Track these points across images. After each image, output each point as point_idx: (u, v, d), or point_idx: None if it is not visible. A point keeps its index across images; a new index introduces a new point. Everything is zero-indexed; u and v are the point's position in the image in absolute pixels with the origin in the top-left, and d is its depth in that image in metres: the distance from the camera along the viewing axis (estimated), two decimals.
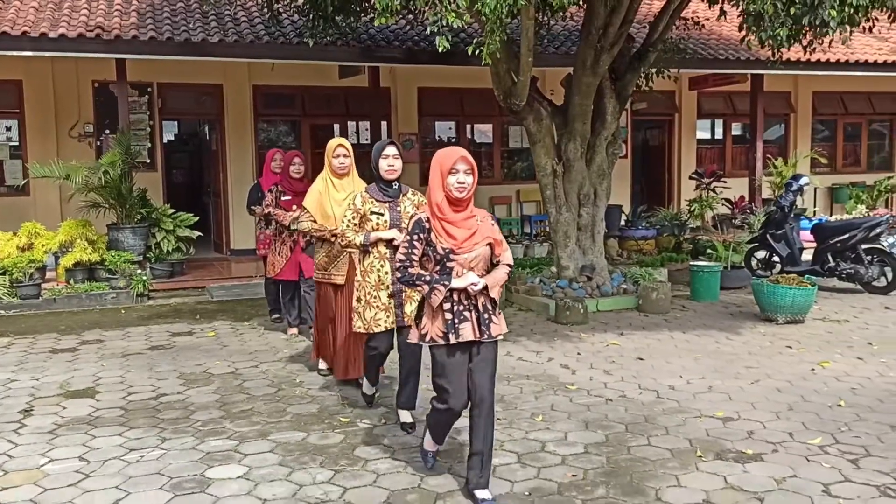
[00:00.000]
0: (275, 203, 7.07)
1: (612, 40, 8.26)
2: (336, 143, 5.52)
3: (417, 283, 3.61)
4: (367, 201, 4.68)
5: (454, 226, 3.60)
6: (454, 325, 3.59)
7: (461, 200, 3.59)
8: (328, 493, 3.90)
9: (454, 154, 3.61)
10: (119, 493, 3.93)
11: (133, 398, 5.55)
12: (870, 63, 13.11)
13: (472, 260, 3.61)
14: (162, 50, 9.79)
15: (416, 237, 3.62)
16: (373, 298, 4.61)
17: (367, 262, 4.65)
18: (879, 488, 3.86)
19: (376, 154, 4.67)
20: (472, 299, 3.62)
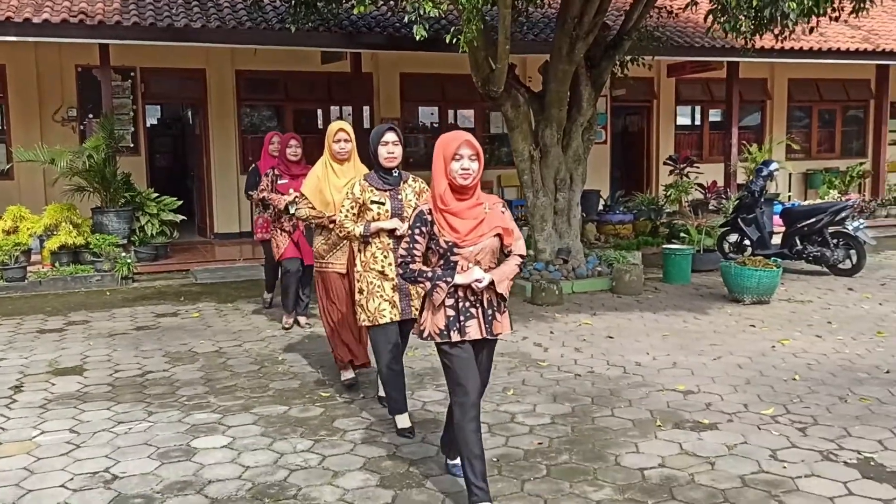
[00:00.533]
0: (271, 187, 6.89)
1: (587, 29, 8.47)
2: (337, 127, 5.21)
3: (419, 279, 3.41)
4: (367, 190, 4.42)
5: (457, 217, 3.36)
6: (458, 321, 3.39)
7: (466, 188, 3.35)
8: (308, 460, 4.14)
9: (458, 138, 3.38)
10: (109, 462, 4.14)
11: (120, 375, 5.75)
12: (842, 51, 13.41)
13: (477, 253, 3.38)
14: (145, 35, 9.93)
15: (417, 231, 3.40)
16: (376, 288, 4.37)
17: (369, 254, 4.40)
18: (822, 453, 4.13)
19: (375, 140, 4.41)
20: (478, 295, 3.40)
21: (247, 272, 10.18)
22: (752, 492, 3.70)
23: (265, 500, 3.68)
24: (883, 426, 4.50)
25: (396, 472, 3.98)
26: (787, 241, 9.72)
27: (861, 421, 4.59)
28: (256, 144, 13.16)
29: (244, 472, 3.99)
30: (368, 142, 4.46)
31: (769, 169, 9.95)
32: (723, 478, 3.85)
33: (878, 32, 14.46)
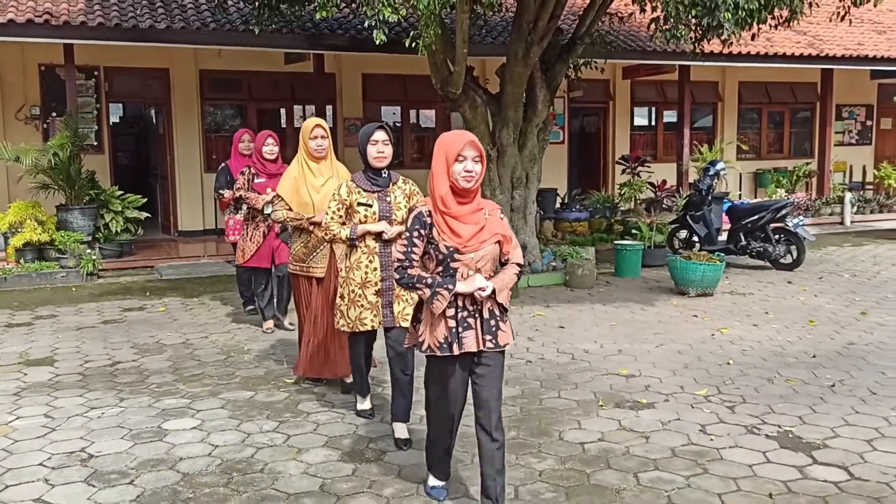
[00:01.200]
0: (247, 185, 6.62)
1: (541, 34, 8.83)
2: (313, 124, 5.01)
3: (418, 285, 3.20)
4: (354, 191, 4.23)
5: (459, 221, 3.20)
6: (458, 333, 3.21)
7: (468, 191, 3.19)
8: (273, 439, 4.42)
9: (461, 139, 3.21)
10: (84, 443, 4.38)
11: (90, 365, 5.96)
12: (787, 56, 13.98)
13: (478, 260, 3.22)
14: (110, 36, 10.07)
15: (416, 234, 3.22)
16: (358, 297, 4.21)
17: (354, 258, 4.23)
18: (747, 427, 4.53)
19: (363, 139, 4.20)
20: (478, 305, 3.24)
21: (211, 268, 10.38)
22: (680, 461, 4.08)
23: (233, 474, 3.96)
24: (804, 403, 4.91)
25: (356, 448, 4.28)
26: (732, 237, 10.21)
27: (785, 399, 5.00)
28: (220, 143, 13.40)
29: (213, 451, 4.26)
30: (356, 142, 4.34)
31: (716, 168, 10.43)
32: (655, 449, 4.23)
33: (822, 38, 15.08)
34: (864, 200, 15.72)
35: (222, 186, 7.27)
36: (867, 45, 15.18)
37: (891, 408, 4.80)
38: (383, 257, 4.21)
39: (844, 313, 7.43)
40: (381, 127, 4.24)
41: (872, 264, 10.30)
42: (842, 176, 17.94)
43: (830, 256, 11.05)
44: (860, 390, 5.14)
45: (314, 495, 3.72)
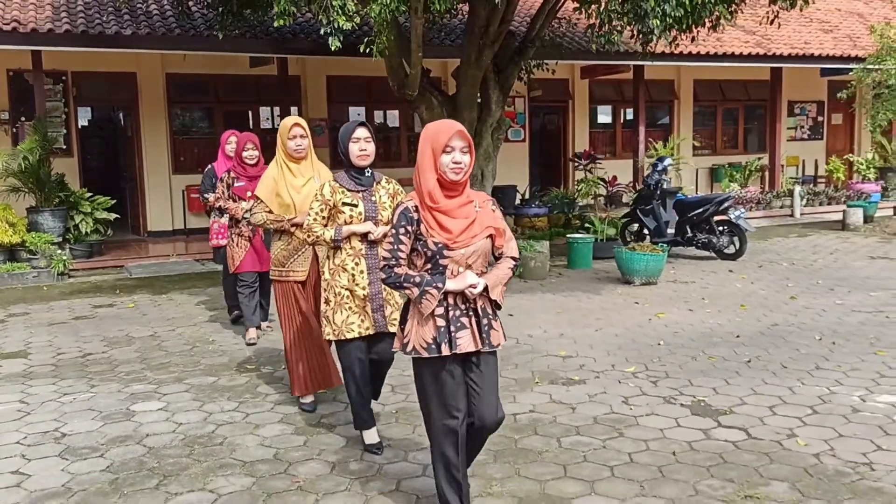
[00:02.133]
0: (226, 191, 6.48)
1: (492, 38, 9.28)
2: (292, 122, 4.80)
3: (405, 285, 3.05)
4: (338, 191, 4.07)
5: (448, 216, 3.05)
6: (448, 333, 3.06)
7: (456, 184, 3.05)
8: (233, 417, 4.82)
9: (448, 129, 3.05)
10: (57, 424, 4.75)
11: (62, 357, 6.31)
12: (736, 55, 14.56)
13: (469, 256, 3.07)
14: (77, 42, 10.37)
15: (402, 230, 3.06)
16: (345, 300, 4.04)
17: (339, 260, 4.07)
18: (665, 398, 5.00)
19: (345, 137, 4.04)
20: (471, 302, 3.09)
21: (180, 267, 10.71)
22: (600, 427, 4.54)
23: (195, 447, 4.35)
24: (720, 377, 5.40)
25: (309, 423, 4.69)
26: (679, 230, 10.73)
27: (704, 374, 5.49)
28: (188, 145, 13.73)
29: (178, 428, 4.65)
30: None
31: (663, 164, 10.94)
32: (579, 418, 4.68)
33: (771, 37, 15.68)
34: (814, 193, 16.34)
35: (207, 189, 7.11)
36: (813, 44, 15.81)
37: (797, 379, 5.30)
38: (370, 259, 4.05)
39: (775, 298, 7.96)
40: (362, 124, 4.09)
41: (812, 253, 10.88)
42: (795, 170, 18.62)
43: (774, 246, 11.62)
44: (773, 365, 5.64)
45: (268, 462, 4.12)
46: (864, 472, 3.83)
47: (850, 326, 6.68)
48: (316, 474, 3.97)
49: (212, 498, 3.72)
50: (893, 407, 4.72)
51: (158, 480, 3.93)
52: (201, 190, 7.31)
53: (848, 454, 4.05)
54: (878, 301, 7.65)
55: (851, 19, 18.25)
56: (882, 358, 5.71)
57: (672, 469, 3.94)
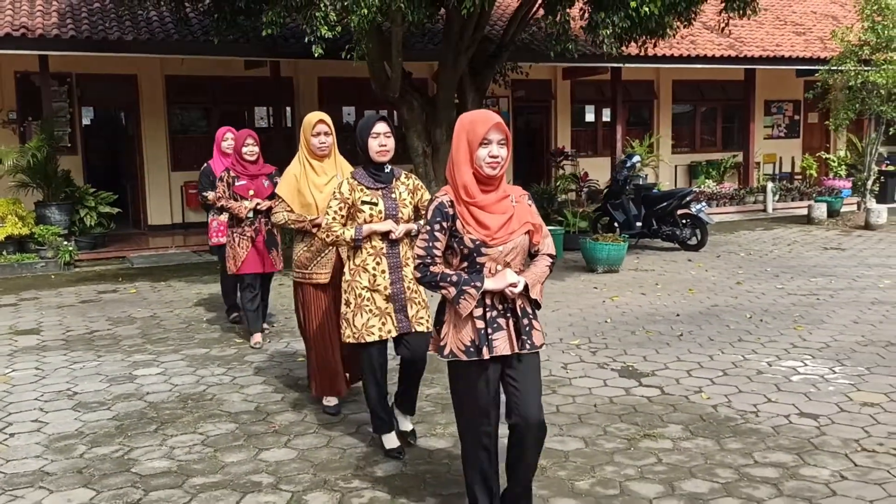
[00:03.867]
0: (227, 190, 6.22)
1: (467, 44, 10.01)
2: (316, 119, 4.62)
3: (441, 284, 2.91)
4: (356, 189, 3.92)
5: (485, 211, 2.90)
6: (487, 335, 2.91)
7: (493, 178, 2.90)
8: (222, 379, 5.54)
9: (487, 120, 2.90)
10: (70, 385, 5.48)
11: (71, 334, 7.03)
12: (708, 57, 15.26)
13: (507, 253, 2.92)
14: (82, 47, 11.08)
15: (437, 227, 2.92)
16: (366, 301, 3.90)
17: (359, 260, 3.93)
18: (599, 364, 5.72)
19: (364, 131, 3.90)
20: (509, 302, 2.95)
21: (178, 258, 11.44)
22: None
23: (188, 402, 5.08)
24: (652, 348, 6.12)
25: (287, 384, 5.41)
26: (646, 222, 11.45)
27: (639, 345, 6.21)
28: (186, 143, 14.44)
29: (174, 388, 5.38)
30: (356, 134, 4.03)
31: (632, 161, 11.66)
32: None
33: (743, 40, 16.39)
34: (786, 189, 17.05)
35: (205, 188, 6.98)
36: (785, 47, 16.51)
37: (718, 349, 6.03)
38: (391, 258, 3.93)
39: (723, 283, 8.68)
40: (382, 118, 3.95)
41: (771, 244, 11.60)
42: (772, 167, 19.32)
43: (738, 238, 12.34)
44: (701, 338, 6.37)
45: (250, 413, 4.85)
46: (749, 419, 4.56)
47: (780, 307, 7.40)
48: (290, 421, 4.70)
49: (201, 438, 4.45)
50: (793, 370, 5.44)
51: (157, 426, 4.66)
52: (199, 188, 7.19)
53: (741, 405, 4.78)
54: (816, 286, 8.38)
55: (826, 22, 18.93)
56: (799, 332, 6.44)
57: (589, 416, 4.66)
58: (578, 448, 4.19)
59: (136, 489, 3.81)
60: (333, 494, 3.72)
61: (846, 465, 3.88)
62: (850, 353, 5.81)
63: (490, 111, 3.03)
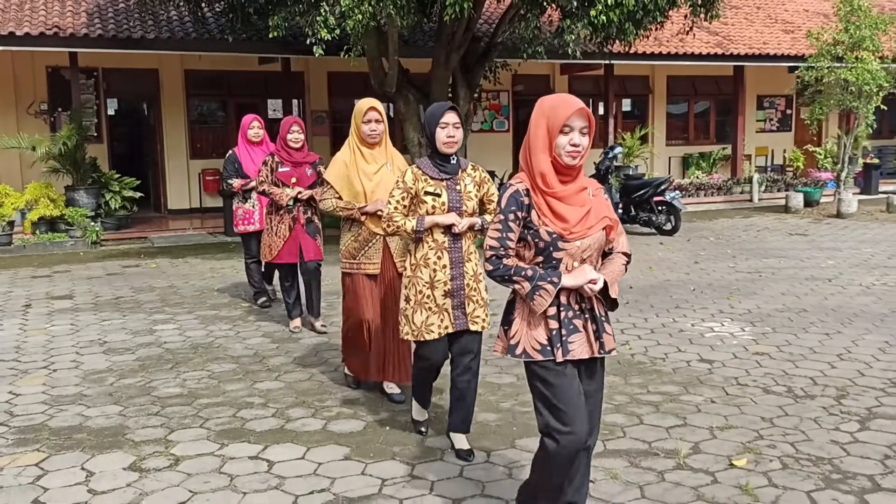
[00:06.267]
0: (270, 175, 6.14)
1: (458, 43, 10.94)
2: (367, 106, 4.52)
3: (515, 278, 2.72)
4: (420, 179, 3.80)
5: (564, 203, 2.72)
6: (560, 336, 2.73)
7: (572, 168, 2.72)
8: (228, 333, 6.56)
9: (568, 105, 2.71)
10: (100, 336, 6.52)
11: (99, 299, 8.08)
12: (696, 55, 16.08)
13: (585, 249, 2.74)
14: (109, 45, 12.15)
15: (511, 216, 2.74)
16: (426, 298, 3.78)
17: (420, 255, 3.81)
18: None
19: (432, 121, 3.78)
20: (586, 302, 2.78)
21: (196, 238, 12.51)
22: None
23: (199, 349, 6.10)
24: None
25: (284, 337, 6.42)
26: (625, 209, 12.36)
27: None
28: (204, 133, 15.52)
29: (187, 339, 6.40)
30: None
31: (614, 153, 12.56)
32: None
33: (731, 38, 17.19)
34: (772, 180, 17.85)
35: (231, 175, 7.03)
36: (771, 44, 17.28)
37: (654, 314, 6.96)
38: (453, 253, 3.80)
39: (683, 262, 9.59)
40: (452, 108, 3.81)
41: (742, 231, 12.46)
42: (764, 159, 20.10)
43: (714, 225, 13.21)
44: (643, 305, 7.30)
45: (249, 357, 5.86)
46: (656, 363, 5.51)
47: (724, 282, 8.32)
48: (281, 363, 5.70)
49: (208, 374, 5.46)
50: (710, 329, 6.38)
51: (172, 365, 5.68)
52: (224, 176, 7.21)
53: (654, 354, 5.73)
54: (764, 265, 9.27)
55: (816, 19, 19.62)
56: (730, 302, 7.36)
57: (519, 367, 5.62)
58: (511, 381, 5.15)
59: (155, 406, 4.83)
60: (309, 409, 4.72)
61: (719, 394, 4.83)
62: (765, 317, 6.73)
63: (572, 96, 2.81)
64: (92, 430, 4.45)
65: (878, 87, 13.47)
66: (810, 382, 5.02)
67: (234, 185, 6.98)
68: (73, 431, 4.43)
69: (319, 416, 4.62)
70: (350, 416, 4.60)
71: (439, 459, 3.98)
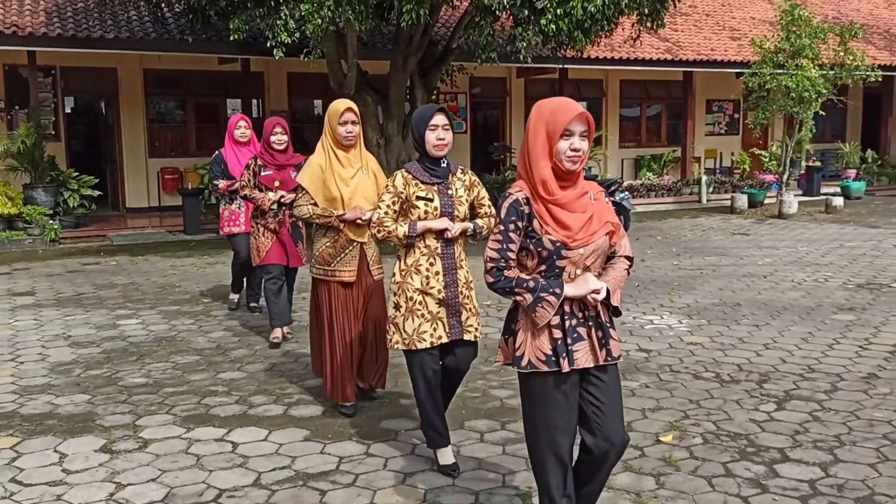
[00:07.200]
0: (253, 178, 5.90)
1: (416, 47, 11.26)
2: (343, 107, 4.39)
3: (517, 290, 2.68)
4: (411, 183, 3.71)
5: (565, 209, 2.67)
6: (566, 346, 2.69)
7: (572, 174, 2.68)
8: (190, 327, 6.79)
9: (568, 110, 2.66)
10: (64, 330, 6.70)
11: (61, 295, 8.22)
12: (646, 60, 16.62)
13: (588, 256, 2.70)
14: (68, 44, 12.22)
15: (512, 226, 2.68)
16: (417, 305, 3.67)
17: (412, 261, 3.70)
18: (500, 318, 7.02)
19: (420, 124, 3.68)
20: (590, 310, 2.74)
21: (155, 237, 12.63)
22: None
23: (163, 342, 6.32)
24: None
25: (244, 331, 6.67)
26: None
27: None
28: (163, 132, 15.60)
29: (150, 333, 6.62)
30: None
31: None
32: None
33: (681, 44, 17.78)
34: (720, 182, 18.49)
35: (217, 176, 6.84)
36: (719, 51, 17.92)
37: None
38: (445, 259, 3.72)
39: None
40: (440, 109, 3.73)
41: (688, 230, 12.98)
42: (713, 161, 20.76)
43: (663, 225, 13.72)
44: None
45: (212, 349, 6.10)
46: None
47: (667, 278, 8.76)
48: (243, 355, 5.96)
49: (172, 365, 5.70)
50: (649, 321, 6.79)
51: (137, 357, 5.90)
52: (210, 177, 7.09)
53: None
54: (706, 262, 9.76)
55: (762, 27, 20.33)
56: (671, 297, 7.79)
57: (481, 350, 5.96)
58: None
59: (122, 394, 5.06)
60: (270, 397, 5.00)
61: (653, 380, 5.22)
62: (702, 310, 7.18)
63: (570, 99, 2.75)
64: (62, 416, 4.67)
65: (817, 94, 14.09)
66: (737, 369, 5.44)
67: (220, 186, 6.80)
68: (44, 418, 4.64)
69: (280, 402, 4.90)
70: (310, 402, 4.89)
71: (393, 440, 4.29)
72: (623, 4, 9.34)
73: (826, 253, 10.38)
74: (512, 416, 4.56)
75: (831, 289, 8.05)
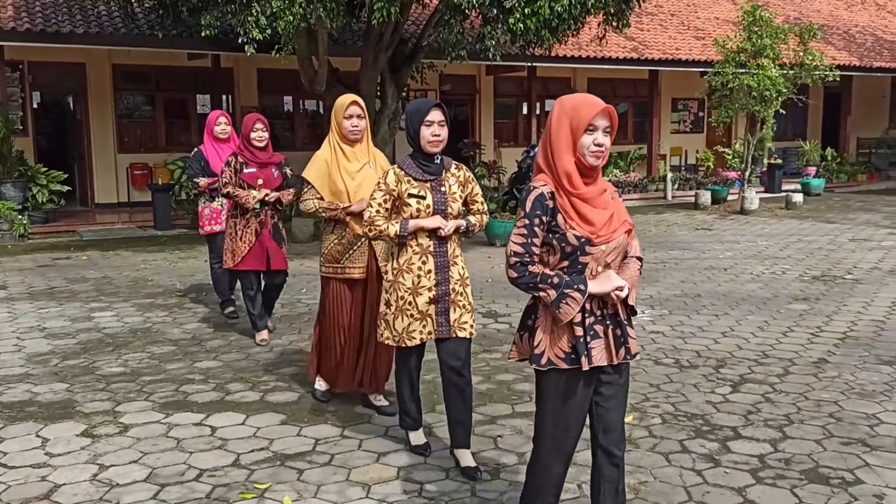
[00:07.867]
0: (234, 176, 5.71)
1: (386, 45, 11.41)
2: (349, 100, 4.39)
3: (541, 286, 2.63)
4: (403, 180, 3.66)
5: (589, 205, 2.66)
6: (586, 344, 2.69)
7: (594, 169, 2.68)
8: (165, 319, 6.89)
9: (592, 105, 2.65)
10: (39, 323, 6.76)
11: (34, 289, 8.26)
12: (612, 59, 16.93)
13: (609, 253, 2.69)
14: (36, 39, 12.17)
15: (537, 220, 2.65)
16: (407, 305, 3.67)
17: (404, 259, 3.67)
18: None
19: (416, 119, 3.63)
20: (608, 308, 2.73)
21: (125, 232, 12.64)
22: None
23: (138, 333, 6.43)
24: (514, 298, 7.61)
25: (220, 323, 6.78)
26: None
27: (506, 297, 7.72)
28: (131, 127, 15.57)
29: (125, 325, 6.71)
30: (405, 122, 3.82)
31: (534, 151, 13.22)
32: None
33: (647, 43, 18.12)
34: (685, 179, 18.88)
35: (196, 174, 6.65)
36: (683, 50, 18.30)
37: None
38: (438, 257, 3.68)
39: None
40: (437, 105, 3.66)
41: (653, 225, 13.29)
42: (678, 159, 21.17)
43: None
44: None
45: (187, 340, 6.22)
46: None
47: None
48: (218, 345, 6.09)
49: (149, 355, 5.81)
50: None
51: (113, 348, 6.00)
52: (189, 175, 6.92)
53: None
54: (670, 256, 10.04)
55: (726, 27, 20.76)
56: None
57: None
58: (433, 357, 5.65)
59: (100, 383, 5.17)
60: (247, 384, 5.14)
61: None
62: (664, 301, 7.44)
63: (593, 95, 2.74)
64: (42, 403, 4.78)
65: (778, 93, 14.49)
66: (695, 355, 5.70)
67: (201, 183, 6.58)
68: (25, 405, 4.75)
69: (257, 389, 5.05)
70: (285, 389, 5.04)
71: (367, 422, 4.47)
72: (589, 4, 9.59)
73: (784, 247, 10.73)
74: (481, 399, 4.75)
75: (788, 280, 8.37)
